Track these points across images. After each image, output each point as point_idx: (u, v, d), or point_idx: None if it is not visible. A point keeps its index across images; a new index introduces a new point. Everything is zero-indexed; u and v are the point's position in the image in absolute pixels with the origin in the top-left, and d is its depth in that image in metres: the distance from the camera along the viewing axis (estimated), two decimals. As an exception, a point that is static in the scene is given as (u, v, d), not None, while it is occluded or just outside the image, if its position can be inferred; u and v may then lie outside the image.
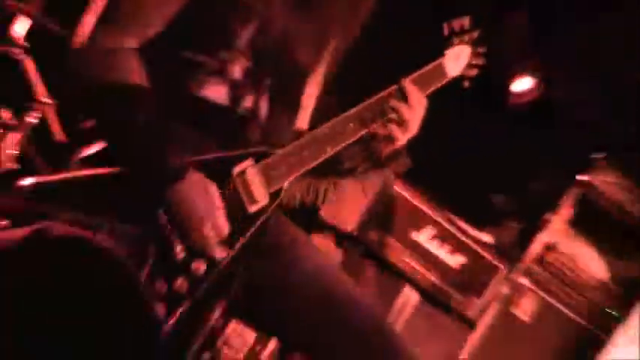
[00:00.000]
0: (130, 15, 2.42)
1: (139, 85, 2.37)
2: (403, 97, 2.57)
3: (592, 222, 4.28)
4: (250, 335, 3.83)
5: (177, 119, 2.46)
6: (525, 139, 4.52)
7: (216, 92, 2.52)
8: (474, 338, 4.04)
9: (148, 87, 2.38)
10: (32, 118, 3.59)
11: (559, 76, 4.33)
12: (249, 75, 2.54)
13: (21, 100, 3.67)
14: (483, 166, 4.61)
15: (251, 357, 3.83)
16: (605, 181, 4.22)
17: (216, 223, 2.37)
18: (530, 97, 4.28)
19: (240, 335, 3.83)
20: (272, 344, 3.86)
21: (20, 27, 3.67)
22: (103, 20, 2.36)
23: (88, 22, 2.37)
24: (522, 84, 4.44)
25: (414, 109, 2.57)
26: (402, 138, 2.58)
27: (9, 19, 3.70)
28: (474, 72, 2.76)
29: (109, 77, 2.34)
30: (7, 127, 3.59)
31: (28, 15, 3.68)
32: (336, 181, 2.98)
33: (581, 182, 4.16)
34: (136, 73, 2.36)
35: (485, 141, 4.51)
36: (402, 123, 2.57)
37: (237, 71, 2.51)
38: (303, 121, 2.74)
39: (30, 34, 3.72)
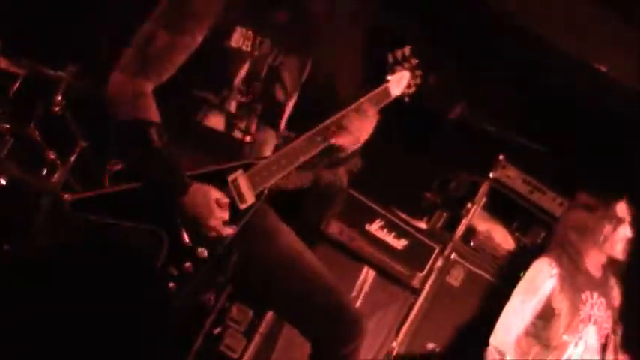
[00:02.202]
0: (150, 65, 2.76)
1: (154, 120, 2.73)
2: (361, 112, 2.92)
3: (500, 207, 4.80)
4: (249, 312, 4.28)
5: (185, 143, 2.81)
6: (448, 147, 5.03)
7: (216, 122, 2.88)
8: (420, 302, 4.51)
9: (160, 121, 2.73)
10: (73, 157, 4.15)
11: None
12: (242, 107, 2.90)
13: (64, 143, 4.23)
14: (416, 170, 5.08)
15: (251, 329, 4.27)
16: (507, 176, 4.72)
17: (216, 215, 2.74)
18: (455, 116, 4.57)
19: (242, 312, 4.28)
20: (267, 317, 4.24)
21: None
22: (128, 70, 2.74)
23: (116, 75, 2.74)
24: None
25: (370, 121, 2.94)
26: (357, 143, 2.95)
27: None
28: (412, 90, 3.09)
29: (134, 115, 2.72)
30: (53, 166, 4.18)
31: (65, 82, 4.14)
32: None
33: (490, 178, 4.68)
34: (152, 111, 2.74)
35: (416, 150, 5.12)
36: (357, 131, 2.91)
37: (232, 105, 2.88)
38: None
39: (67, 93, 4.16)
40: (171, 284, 2.71)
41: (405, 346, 4.50)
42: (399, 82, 3.01)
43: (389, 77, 2.98)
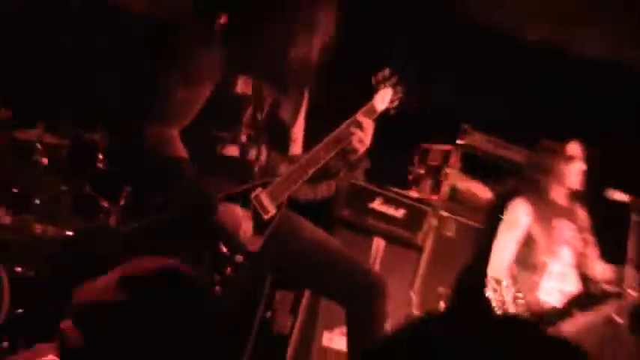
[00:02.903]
0: (173, 116, 3.07)
1: (183, 156, 3.05)
2: (359, 125, 3.15)
3: (474, 166, 5.30)
4: (290, 294, 4.79)
5: (210, 171, 3.08)
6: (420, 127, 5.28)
7: (232, 151, 3.18)
8: (425, 256, 4.95)
9: (187, 156, 3.03)
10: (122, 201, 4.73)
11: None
12: (252, 137, 3.21)
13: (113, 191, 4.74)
14: (398, 151, 5.34)
15: (295, 307, 4.74)
16: (473, 139, 5.21)
17: (243, 229, 3.03)
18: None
19: (284, 295, 4.77)
20: (306, 295, 4.66)
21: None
22: (157, 122, 3.05)
23: (149, 128, 3.03)
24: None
25: (367, 131, 3.15)
26: (363, 149, 3.18)
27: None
28: (395, 104, 3.26)
29: (166, 153, 3.04)
30: (108, 212, 4.74)
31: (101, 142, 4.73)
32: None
33: (460, 144, 5.17)
34: (180, 149, 3.05)
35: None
36: (360, 140, 3.14)
37: (243, 138, 3.19)
38: (297, 149, 3.37)
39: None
40: (217, 288, 3.01)
41: (421, 294, 4.87)
42: (383, 99, 3.21)
43: (374, 95, 3.19)
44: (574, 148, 4.62)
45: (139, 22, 4.98)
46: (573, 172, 4.61)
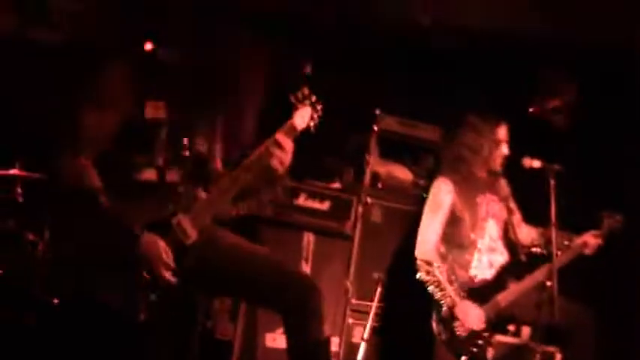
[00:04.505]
0: (85, 142, 3.09)
1: (98, 186, 3.07)
2: (278, 144, 3.16)
3: (391, 149, 5.28)
4: (228, 301, 4.77)
5: (128, 198, 3.10)
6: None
7: (149, 175, 3.19)
8: (356, 244, 4.91)
9: (101, 186, 3.04)
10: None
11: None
12: (170, 160, 3.21)
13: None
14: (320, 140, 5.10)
15: (234, 313, 4.69)
16: (386, 124, 5.20)
17: (164, 259, 3.06)
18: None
19: (222, 303, 4.74)
20: (243, 304, 4.66)
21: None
22: (69, 149, 3.07)
23: (60, 158, 3.07)
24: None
25: (287, 151, 3.17)
26: (282, 168, 3.19)
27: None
28: (316, 122, 3.25)
29: (79, 185, 3.07)
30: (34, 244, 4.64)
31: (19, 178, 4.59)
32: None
33: (374, 130, 5.12)
34: (93, 179, 3.08)
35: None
36: (280, 160, 3.16)
37: (160, 161, 3.20)
38: (217, 164, 3.39)
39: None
40: (141, 316, 3.10)
41: (357, 282, 4.86)
42: (302, 117, 3.21)
43: (294, 114, 3.20)
44: (502, 132, 4.72)
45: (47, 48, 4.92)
46: (499, 154, 4.72)
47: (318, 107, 3.23)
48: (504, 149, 4.71)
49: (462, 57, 5.33)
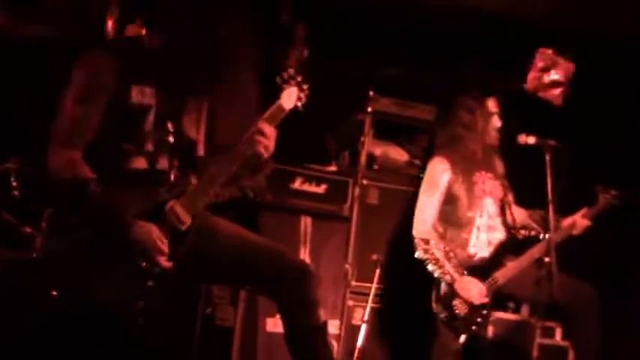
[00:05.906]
0: (72, 134, 3.07)
1: (88, 176, 3.06)
2: (261, 132, 3.16)
3: (385, 130, 5.31)
4: (228, 290, 4.72)
5: (119, 187, 3.09)
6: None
7: (139, 163, 3.18)
8: (353, 226, 4.70)
9: (92, 177, 3.04)
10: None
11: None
12: (159, 147, 3.20)
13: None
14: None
15: (234, 299, 4.66)
16: (380, 105, 5.15)
17: (159, 246, 3.06)
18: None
19: (222, 289, 4.71)
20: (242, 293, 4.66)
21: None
22: (56, 144, 3.05)
23: (50, 150, 3.04)
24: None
25: (270, 137, 3.17)
26: (267, 154, 3.20)
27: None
28: (302, 101, 3.26)
29: (69, 177, 3.05)
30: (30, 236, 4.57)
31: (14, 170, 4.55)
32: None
33: (369, 112, 4.90)
34: (84, 170, 3.07)
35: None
36: (265, 146, 3.16)
37: (149, 147, 3.19)
38: (200, 151, 3.37)
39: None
40: (150, 283, 3.10)
41: (355, 264, 4.70)
42: (289, 98, 3.22)
43: (280, 95, 3.22)
44: (491, 103, 4.81)
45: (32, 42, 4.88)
46: (492, 127, 4.78)
47: (305, 87, 3.25)
48: (496, 121, 4.79)
49: (460, 36, 5.40)
